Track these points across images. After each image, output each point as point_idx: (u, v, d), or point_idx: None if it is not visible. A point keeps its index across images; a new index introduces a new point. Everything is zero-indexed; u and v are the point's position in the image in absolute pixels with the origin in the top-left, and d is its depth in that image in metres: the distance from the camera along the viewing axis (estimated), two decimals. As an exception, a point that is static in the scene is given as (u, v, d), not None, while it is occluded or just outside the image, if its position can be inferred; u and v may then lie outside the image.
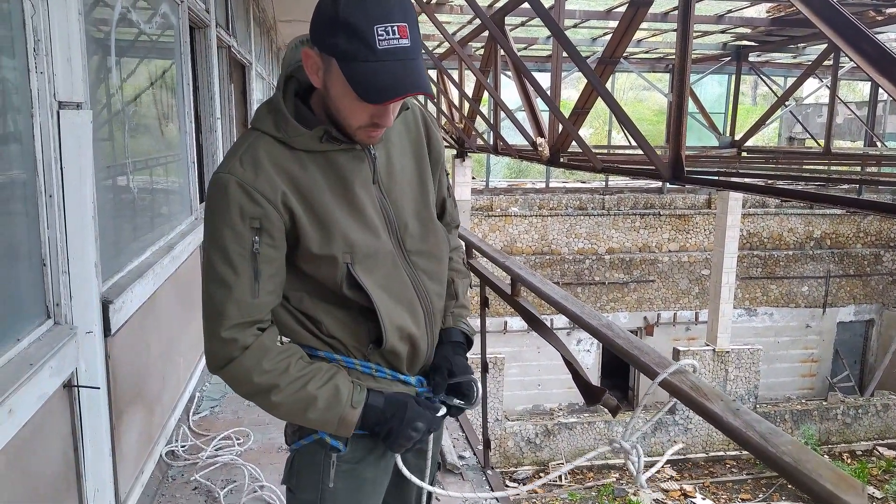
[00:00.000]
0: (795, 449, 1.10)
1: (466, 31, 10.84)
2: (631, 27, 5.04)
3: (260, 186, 1.23)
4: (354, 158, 1.31)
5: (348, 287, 1.31)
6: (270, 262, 1.27)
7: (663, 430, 13.74)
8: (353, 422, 1.32)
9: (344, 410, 1.30)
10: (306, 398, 1.29)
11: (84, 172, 1.97)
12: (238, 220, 1.23)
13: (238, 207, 1.22)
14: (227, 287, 1.26)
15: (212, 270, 1.27)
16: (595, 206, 15.50)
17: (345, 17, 1.12)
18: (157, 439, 3.05)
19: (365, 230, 1.31)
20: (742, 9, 10.10)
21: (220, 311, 1.27)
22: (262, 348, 1.29)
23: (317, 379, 1.30)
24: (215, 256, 1.26)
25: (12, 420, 1.53)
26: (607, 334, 1.77)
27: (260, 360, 1.28)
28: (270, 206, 1.24)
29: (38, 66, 1.77)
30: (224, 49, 5.30)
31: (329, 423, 1.31)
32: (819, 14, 2.62)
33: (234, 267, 1.25)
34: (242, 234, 1.24)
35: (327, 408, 1.30)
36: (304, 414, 1.30)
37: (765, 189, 5.13)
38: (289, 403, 1.29)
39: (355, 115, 1.23)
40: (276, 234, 1.26)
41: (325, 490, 1.40)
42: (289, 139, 1.26)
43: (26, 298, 1.81)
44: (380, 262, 1.33)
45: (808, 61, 12.52)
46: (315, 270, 1.32)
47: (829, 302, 16.18)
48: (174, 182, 3.67)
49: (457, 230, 1.66)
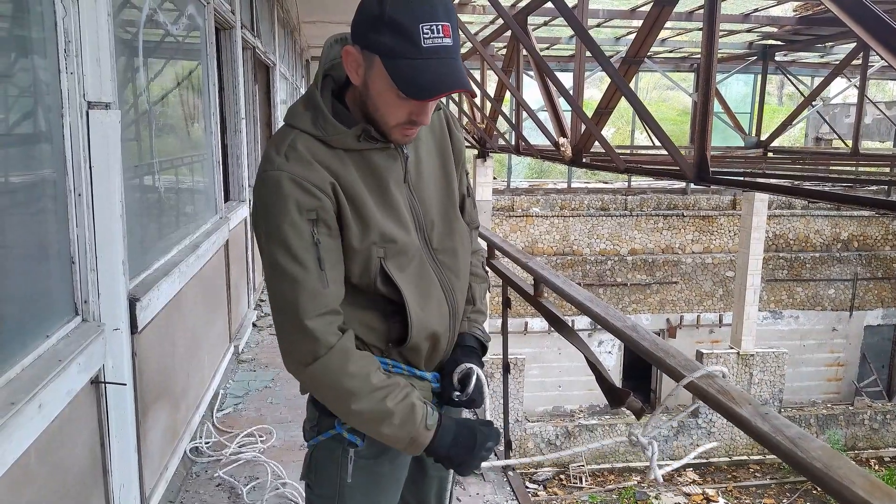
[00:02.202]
0: (826, 454, 1.08)
1: (489, 31, 10.82)
2: (655, 26, 4.99)
3: (312, 178, 1.24)
4: (389, 157, 1.33)
5: (382, 283, 1.32)
6: (330, 252, 1.27)
7: (685, 433, 13.60)
8: (425, 443, 1.31)
9: (417, 430, 1.30)
10: (384, 412, 1.28)
11: (112, 171, 2.00)
12: (296, 215, 1.23)
13: (294, 202, 1.22)
14: (296, 282, 1.24)
15: (278, 268, 1.25)
16: (617, 206, 15.39)
17: (391, 16, 1.14)
18: (182, 436, 3.08)
19: (399, 227, 1.33)
20: (768, 7, 9.97)
21: (295, 305, 1.25)
22: (346, 351, 1.28)
23: (395, 394, 1.29)
24: (278, 253, 1.24)
25: (41, 414, 1.56)
26: (632, 336, 1.75)
27: (345, 364, 1.27)
28: (324, 195, 1.24)
29: (69, 67, 1.80)
30: (249, 50, 5.35)
31: (400, 441, 1.31)
32: (849, 12, 2.57)
33: (300, 261, 1.24)
34: (301, 227, 1.23)
35: (401, 425, 1.29)
36: (378, 427, 1.29)
37: (791, 190, 5.05)
38: (367, 413, 1.28)
39: (394, 113, 1.24)
40: (331, 223, 1.26)
41: (343, 485, 1.40)
42: (327, 137, 1.27)
43: (55, 296, 1.84)
44: (410, 259, 1.34)
45: (836, 60, 12.33)
46: (349, 267, 1.31)
47: (857, 305, 15.91)
48: (199, 182, 3.71)
49: (476, 232, 1.64)
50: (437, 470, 1.56)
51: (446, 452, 1.33)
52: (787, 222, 15.64)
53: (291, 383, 1.38)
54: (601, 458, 13.78)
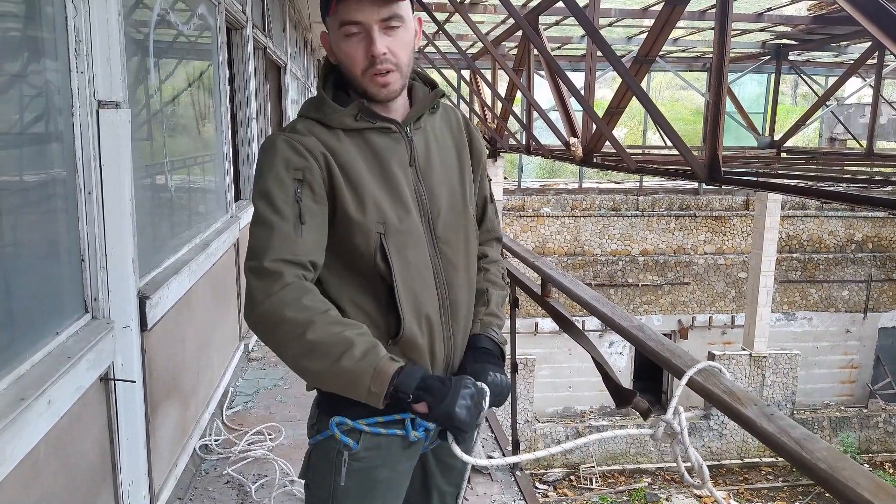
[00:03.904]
0: (832, 456, 1.07)
1: (500, 31, 10.81)
2: (667, 26, 4.97)
3: (305, 142, 1.31)
4: (391, 140, 1.37)
5: (381, 259, 1.33)
6: (312, 214, 1.30)
7: (697, 435, 13.53)
8: (389, 373, 1.20)
9: (381, 361, 1.21)
10: (343, 342, 1.21)
11: (122, 170, 2.01)
12: (282, 170, 1.29)
13: (283, 159, 1.30)
14: (270, 226, 1.27)
15: (256, 215, 1.30)
16: (629, 206, 15.33)
17: None
18: (191, 433, 3.10)
19: (397, 204, 1.35)
20: (782, 6, 9.89)
21: (263, 247, 1.26)
22: (304, 287, 1.25)
23: (356, 329, 1.25)
24: (260, 203, 1.30)
25: (51, 410, 1.57)
26: (639, 336, 1.75)
27: (300, 297, 1.23)
28: (313, 158, 1.30)
29: (79, 67, 1.82)
30: (260, 50, 5.37)
31: (364, 375, 1.20)
32: (863, 11, 2.55)
33: (278, 210, 1.28)
34: (286, 182, 1.29)
35: (363, 356, 1.20)
36: (339, 361, 1.20)
37: (804, 190, 5.01)
38: (325, 343, 1.20)
39: (353, 57, 1.31)
40: (316, 188, 1.30)
41: (337, 488, 1.39)
42: (326, 118, 1.34)
43: (65, 293, 1.86)
44: (410, 240, 1.36)
45: (851, 60, 12.20)
46: (351, 240, 1.33)
47: (871, 307, 15.75)
48: (210, 181, 3.73)
49: (498, 245, 1.63)
50: (445, 483, 1.53)
51: (415, 393, 1.21)
52: (801, 223, 15.51)
53: (300, 382, 1.35)
54: (611, 460, 13.74)
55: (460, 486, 1.58)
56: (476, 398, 1.23)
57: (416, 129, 1.40)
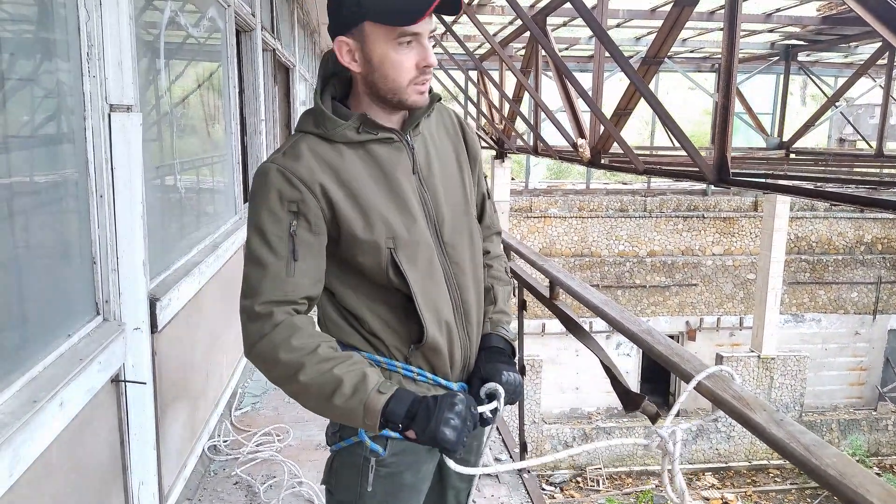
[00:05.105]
0: (841, 462, 1.07)
1: (507, 32, 10.80)
2: (676, 26, 4.96)
3: (298, 172, 1.28)
4: (394, 149, 1.36)
5: (394, 274, 1.33)
6: (308, 247, 1.30)
7: (705, 437, 13.48)
8: (378, 408, 1.23)
9: (370, 396, 1.23)
10: (333, 381, 1.24)
11: (134, 173, 2.03)
12: (276, 204, 1.28)
13: (276, 191, 1.28)
14: (263, 266, 1.28)
15: (249, 252, 1.30)
16: (636, 207, 15.28)
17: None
18: (200, 434, 3.11)
19: (405, 216, 1.34)
20: (791, 7, 9.84)
21: (255, 289, 1.29)
22: (293, 326, 1.28)
23: (346, 364, 1.26)
24: (253, 238, 1.30)
25: (63, 412, 1.59)
26: (647, 340, 1.75)
27: (289, 337, 1.26)
28: (307, 190, 1.28)
29: (91, 70, 1.83)
30: (269, 52, 5.39)
31: (355, 411, 1.24)
32: (873, 11, 2.54)
33: (272, 247, 1.28)
34: (280, 216, 1.28)
35: (353, 392, 1.23)
36: (331, 400, 1.24)
37: (813, 192, 4.99)
38: (316, 384, 1.24)
39: (402, 68, 1.28)
40: (312, 219, 1.29)
41: (363, 493, 1.40)
42: (328, 133, 1.32)
43: (77, 295, 1.87)
44: (420, 250, 1.35)
45: (860, 61, 12.13)
46: (361, 259, 1.33)
47: (880, 308, 15.65)
48: (219, 182, 3.75)
49: (499, 238, 1.65)
50: (459, 479, 1.55)
51: (403, 423, 1.24)
52: (810, 224, 15.43)
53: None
54: (618, 462, 13.70)
55: (472, 482, 1.61)
56: (464, 413, 1.26)
57: (416, 135, 1.40)
